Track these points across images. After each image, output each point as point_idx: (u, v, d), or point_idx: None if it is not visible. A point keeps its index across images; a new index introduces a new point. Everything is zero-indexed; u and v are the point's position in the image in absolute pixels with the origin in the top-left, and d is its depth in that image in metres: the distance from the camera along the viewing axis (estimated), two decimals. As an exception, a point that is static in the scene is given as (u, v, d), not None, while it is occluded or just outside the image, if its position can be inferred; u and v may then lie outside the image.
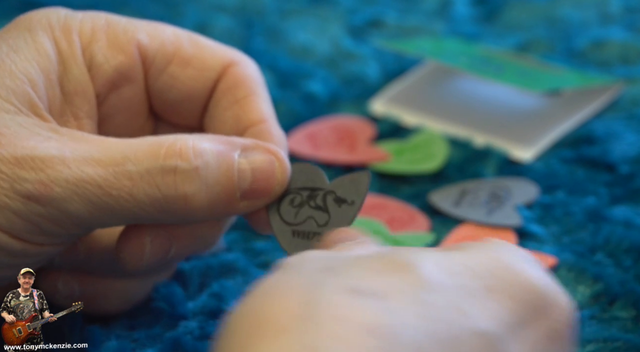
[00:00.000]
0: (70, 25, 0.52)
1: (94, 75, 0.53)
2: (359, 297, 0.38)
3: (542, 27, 0.83)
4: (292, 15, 0.86)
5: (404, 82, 0.77)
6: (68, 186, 0.48)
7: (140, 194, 0.48)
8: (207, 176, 0.49)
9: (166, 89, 0.54)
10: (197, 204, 0.49)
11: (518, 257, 0.42)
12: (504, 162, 0.69)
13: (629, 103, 0.73)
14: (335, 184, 0.51)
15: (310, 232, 0.51)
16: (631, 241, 0.61)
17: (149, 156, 0.49)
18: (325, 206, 0.51)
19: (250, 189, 0.50)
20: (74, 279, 0.54)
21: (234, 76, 0.54)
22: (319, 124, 0.73)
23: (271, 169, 0.51)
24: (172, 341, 0.55)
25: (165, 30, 0.54)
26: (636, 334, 0.55)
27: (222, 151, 0.50)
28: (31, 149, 0.48)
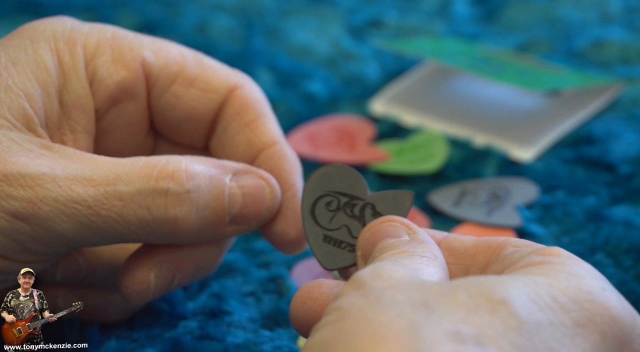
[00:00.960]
0: (75, 37, 0.52)
1: (95, 90, 0.52)
2: (461, 346, 0.38)
3: (542, 27, 0.83)
4: (292, 15, 0.86)
5: (404, 82, 0.77)
6: (57, 205, 0.48)
7: (130, 215, 0.48)
8: (198, 199, 0.49)
9: (169, 108, 0.54)
10: (186, 227, 0.49)
11: (600, 282, 0.42)
12: (504, 162, 0.69)
13: (629, 103, 0.73)
14: (377, 197, 0.50)
15: (343, 242, 0.50)
16: (631, 241, 0.61)
17: (141, 177, 0.49)
18: (362, 217, 0.50)
19: (240, 214, 0.50)
20: (73, 294, 0.54)
21: (241, 99, 0.54)
22: (319, 124, 0.73)
23: (262, 194, 0.51)
24: (171, 341, 0.55)
25: (170, 49, 0.54)
26: (636, 334, 0.55)
27: (214, 175, 0.50)
28: (22, 166, 0.48)
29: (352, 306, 0.39)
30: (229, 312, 0.57)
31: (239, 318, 0.57)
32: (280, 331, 0.56)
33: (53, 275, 0.52)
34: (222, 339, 0.55)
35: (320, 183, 0.50)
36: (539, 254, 0.44)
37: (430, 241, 0.46)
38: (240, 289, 0.59)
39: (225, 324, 0.56)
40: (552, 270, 0.42)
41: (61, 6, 0.55)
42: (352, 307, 0.39)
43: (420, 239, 0.46)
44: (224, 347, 0.54)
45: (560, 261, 0.43)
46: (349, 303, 0.39)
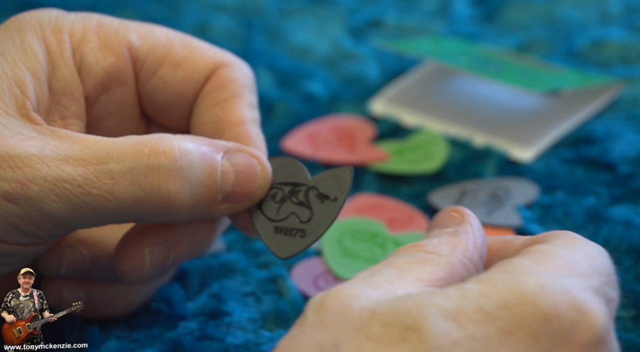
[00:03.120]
0: (61, 26, 0.52)
1: (84, 77, 0.52)
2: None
3: (542, 27, 0.83)
4: (292, 15, 0.86)
5: (404, 82, 0.77)
6: (46, 185, 0.47)
7: (122, 193, 0.48)
8: (191, 175, 0.49)
9: (157, 91, 0.54)
10: (180, 204, 0.49)
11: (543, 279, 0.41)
12: (504, 162, 0.69)
13: (629, 103, 0.73)
14: (317, 179, 0.51)
15: (293, 229, 0.50)
16: (631, 241, 0.61)
17: (132, 155, 0.48)
18: (307, 202, 0.51)
19: (233, 192, 0.50)
20: (79, 286, 0.54)
21: (220, 78, 0.54)
22: (319, 124, 0.73)
23: (253, 172, 0.51)
24: (171, 341, 0.55)
25: (157, 33, 0.54)
26: (636, 334, 0.55)
27: (205, 152, 0.50)
28: (10, 148, 0.48)
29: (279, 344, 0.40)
30: (229, 313, 0.57)
31: (238, 318, 0.57)
32: (280, 332, 0.56)
33: (58, 268, 0.52)
34: (222, 340, 0.55)
35: None
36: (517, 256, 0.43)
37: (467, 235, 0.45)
38: (240, 290, 0.59)
39: (225, 325, 0.56)
40: (499, 272, 0.41)
41: (61, 6, 0.55)
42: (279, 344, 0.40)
43: (459, 231, 0.45)
44: (224, 347, 0.54)
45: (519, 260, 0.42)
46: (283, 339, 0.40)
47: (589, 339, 0.40)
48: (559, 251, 0.43)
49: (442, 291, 0.41)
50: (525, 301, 0.40)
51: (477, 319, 0.39)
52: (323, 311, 0.41)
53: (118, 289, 0.55)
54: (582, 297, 0.41)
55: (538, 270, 0.41)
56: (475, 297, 0.40)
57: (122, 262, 0.51)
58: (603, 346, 0.41)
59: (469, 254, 0.44)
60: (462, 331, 0.39)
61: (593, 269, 0.43)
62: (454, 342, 0.39)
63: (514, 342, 0.39)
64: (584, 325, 0.40)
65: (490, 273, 0.42)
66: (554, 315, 0.40)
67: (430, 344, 0.39)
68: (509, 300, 0.40)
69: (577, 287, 0.41)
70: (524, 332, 0.39)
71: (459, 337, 0.39)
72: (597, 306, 0.41)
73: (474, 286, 0.41)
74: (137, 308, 0.56)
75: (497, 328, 0.39)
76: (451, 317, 0.39)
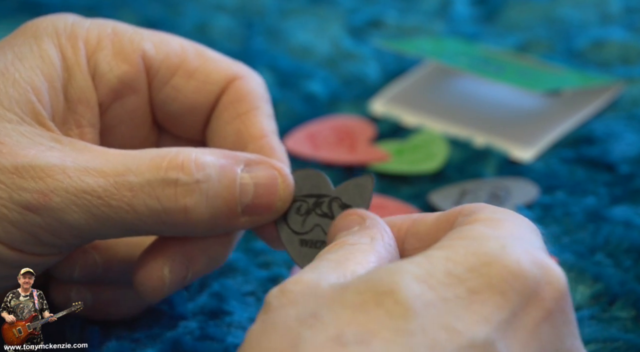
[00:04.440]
0: (76, 32, 0.52)
1: (97, 84, 0.52)
2: (343, 348, 0.38)
3: (542, 27, 0.83)
4: (292, 15, 0.86)
5: (404, 82, 0.77)
6: (67, 196, 0.48)
7: (140, 205, 0.48)
8: (208, 189, 0.49)
9: (169, 100, 0.54)
10: (198, 217, 0.49)
11: (502, 240, 0.42)
12: (504, 162, 0.69)
13: (629, 103, 0.74)
14: (340, 190, 0.51)
15: (318, 241, 0.50)
16: (631, 241, 0.61)
17: (151, 168, 0.49)
18: (331, 213, 0.51)
19: (252, 204, 0.50)
20: (87, 288, 0.54)
21: (237, 90, 0.54)
22: (319, 124, 0.73)
23: (274, 184, 0.51)
24: (172, 341, 0.55)
25: (171, 42, 0.54)
26: (636, 334, 0.55)
27: (224, 165, 0.49)
28: (32, 158, 0.48)
29: (250, 333, 0.41)
30: (229, 312, 0.57)
31: (239, 318, 0.57)
32: (280, 331, 0.56)
33: (71, 273, 0.52)
34: (222, 340, 0.55)
35: None
36: (461, 224, 0.44)
37: (375, 224, 0.46)
38: (240, 289, 0.59)
39: (226, 324, 0.56)
40: (457, 239, 0.42)
41: (61, 6, 0.55)
42: (250, 335, 0.41)
43: (366, 225, 0.47)
44: (224, 347, 0.54)
45: (471, 227, 0.43)
46: (250, 331, 0.41)
47: (554, 295, 0.42)
48: (501, 216, 0.44)
49: (410, 259, 0.42)
50: (490, 261, 0.41)
51: (447, 281, 0.41)
52: (289, 294, 0.41)
53: (126, 292, 0.55)
54: (541, 255, 0.42)
55: (495, 233, 0.43)
56: (442, 262, 0.41)
57: (142, 283, 0.51)
58: (566, 302, 0.42)
59: (387, 240, 0.46)
60: (434, 293, 0.40)
61: (533, 230, 0.45)
62: (427, 303, 0.40)
63: (484, 300, 0.40)
64: (547, 280, 0.42)
65: (448, 241, 0.43)
66: (519, 271, 0.41)
67: (405, 306, 0.39)
68: (474, 262, 0.41)
69: (533, 246, 0.43)
70: (492, 291, 0.41)
71: (432, 299, 0.40)
72: (554, 263, 0.42)
73: (438, 252, 0.42)
74: (143, 310, 0.57)
75: (466, 288, 0.41)
76: (422, 280, 0.40)
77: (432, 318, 0.40)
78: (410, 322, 0.39)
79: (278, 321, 0.40)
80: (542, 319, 0.41)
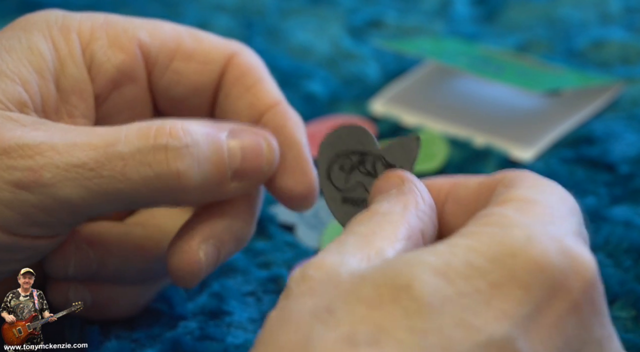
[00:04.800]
0: (68, 24, 0.52)
1: (95, 74, 0.53)
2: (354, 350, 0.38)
3: (542, 27, 0.83)
4: (292, 15, 0.86)
5: (404, 82, 0.77)
6: (58, 171, 0.48)
7: (133, 174, 0.48)
8: (197, 153, 0.49)
9: (172, 85, 0.54)
10: (190, 182, 0.49)
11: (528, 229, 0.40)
12: (504, 162, 0.69)
13: (629, 103, 0.74)
14: (385, 149, 0.49)
15: (359, 199, 0.49)
16: (631, 241, 0.61)
17: (140, 136, 0.49)
18: (375, 172, 0.50)
19: (241, 168, 0.51)
20: (85, 288, 0.54)
21: (239, 66, 0.55)
22: (319, 124, 0.73)
23: (259, 147, 0.52)
24: (171, 341, 0.55)
25: (164, 27, 0.55)
26: (636, 334, 0.55)
27: (210, 132, 0.50)
28: (19, 138, 0.48)
29: (267, 325, 0.40)
30: (229, 313, 0.57)
31: (239, 318, 0.57)
32: (280, 331, 0.56)
33: (65, 270, 0.52)
34: (222, 340, 0.55)
35: (331, 147, 0.50)
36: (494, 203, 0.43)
37: (412, 190, 0.45)
38: (240, 289, 0.59)
39: (225, 325, 0.56)
40: (484, 225, 0.41)
41: (61, 6, 0.55)
42: (268, 321, 0.40)
43: (403, 190, 0.46)
44: (224, 347, 0.54)
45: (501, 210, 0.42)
46: (268, 318, 0.40)
47: (582, 285, 0.40)
48: (536, 196, 0.42)
49: (431, 248, 0.41)
50: (514, 252, 0.40)
51: (467, 273, 0.39)
52: (309, 280, 0.41)
53: (124, 290, 0.55)
54: (569, 242, 0.41)
55: (522, 220, 0.41)
56: (464, 252, 0.40)
57: (179, 269, 0.51)
58: (595, 291, 0.41)
59: (421, 207, 0.45)
60: (452, 287, 0.39)
61: (570, 211, 0.43)
62: (444, 299, 0.39)
63: (505, 295, 0.39)
64: (575, 270, 0.40)
65: (475, 227, 0.41)
66: (546, 263, 0.40)
67: (421, 303, 0.38)
68: (497, 253, 0.40)
69: (562, 233, 0.41)
70: (515, 284, 0.39)
71: (449, 294, 0.39)
72: (584, 249, 0.41)
73: (461, 240, 0.41)
74: (142, 309, 0.57)
75: (487, 282, 0.39)
76: (441, 273, 0.39)
77: (449, 315, 0.38)
78: (426, 321, 0.38)
79: (294, 312, 0.40)
80: (567, 311, 0.40)
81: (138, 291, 0.55)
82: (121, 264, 0.53)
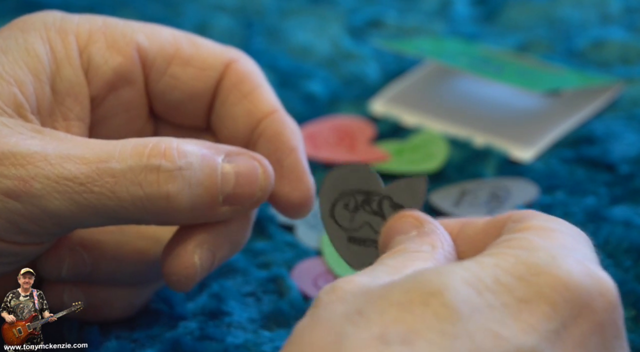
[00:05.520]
0: (66, 27, 0.52)
1: (92, 77, 0.52)
2: (386, 347, 0.38)
3: (542, 27, 0.83)
4: (292, 15, 0.86)
5: (404, 82, 0.77)
6: (48, 183, 0.47)
7: (123, 192, 0.48)
8: (190, 176, 0.49)
9: (168, 90, 0.54)
10: (179, 205, 0.49)
11: (552, 251, 0.41)
12: (504, 162, 0.69)
13: (629, 103, 0.74)
14: (391, 188, 0.50)
15: (367, 240, 0.50)
16: (631, 241, 0.61)
17: (134, 155, 0.49)
18: (381, 212, 0.49)
19: (233, 194, 0.50)
20: (79, 290, 0.54)
21: (237, 72, 0.54)
22: (319, 124, 0.73)
23: (254, 174, 0.51)
24: (171, 341, 0.55)
25: (162, 32, 0.54)
26: (636, 334, 0.55)
27: (206, 154, 0.50)
28: (12, 146, 0.48)
29: (297, 328, 0.40)
30: (229, 313, 0.57)
31: (238, 318, 0.57)
32: (280, 332, 0.56)
33: (59, 272, 0.52)
34: (222, 340, 0.55)
35: (335, 186, 0.50)
36: (511, 231, 0.44)
37: (435, 231, 0.46)
38: (240, 289, 0.59)
39: (225, 325, 0.56)
40: (507, 247, 0.42)
41: (61, 6, 0.55)
42: (297, 329, 0.40)
43: (425, 231, 0.46)
44: (224, 347, 0.54)
45: (521, 236, 0.43)
46: (298, 326, 0.41)
47: (606, 307, 0.41)
48: (554, 226, 0.44)
49: (459, 264, 0.41)
50: (540, 271, 0.40)
51: (495, 288, 0.40)
52: (339, 291, 0.41)
53: (118, 292, 0.55)
54: (592, 266, 0.42)
55: (545, 244, 0.42)
56: (491, 269, 0.41)
57: (173, 273, 0.51)
58: (618, 314, 0.42)
59: (447, 249, 0.45)
60: (482, 299, 0.40)
61: (586, 241, 0.44)
62: (474, 308, 0.39)
63: (532, 310, 0.40)
64: (599, 292, 0.41)
65: (498, 248, 0.42)
66: (570, 282, 0.40)
67: (452, 309, 0.39)
68: (523, 272, 0.40)
69: (585, 257, 0.42)
70: (542, 300, 0.40)
71: (479, 304, 0.39)
72: (606, 275, 0.42)
73: (487, 259, 0.41)
74: (137, 310, 0.57)
75: (514, 297, 0.40)
76: (470, 284, 0.40)
77: (479, 323, 0.39)
78: (456, 326, 0.39)
79: (324, 316, 0.40)
80: (592, 331, 0.41)
81: (133, 293, 0.55)
82: (115, 267, 0.53)
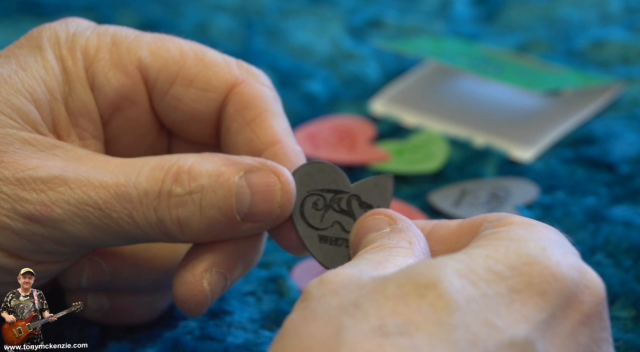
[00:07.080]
0: (76, 42, 0.52)
1: (96, 96, 0.52)
2: (385, 339, 0.38)
3: (542, 27, 0.83)
4: (292, 15, 0.86)
5: (404, 82, 0.77)
6: (69, 208, 0.48)
7: (140, 217, 0.49)
8: (201, 199, 0.49)
9: (171, 109, 0.53)
10: (192, 228, 0.49)
11: (541, 243, 0.42)
12: (504, 162, 0.69)
13: (629, 103, 0.74)
14: (359, 187, 0.50)
15: (339, 239, 0.50)
16: (631, 241, 0.61)
17: (149, 178, 0.49)
18: (351, 211, 0.50)
19: (250, 212, 0.50)
20: (103, 294, 0.54)
21: (241, 97, 0.53)
22: (319, 124, 0.73)
23: (271, 192, 0.50)
24: (172, 341, 0.55)
25: (170, 47, 0.53)
26: (636, 334, 0.55)
27: (222, 173, 0.49)
28: (34, 170, 0.48)
29: (290, 322, 0.41)
30: (229, 312, 0.57)
31: (239, 318, 0.57)
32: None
33: (79, 281, 0.53)
34: (222, 340, 0.55)
35: (302, 184, 0.50)
36: (493, 226, 0.44)
37: (409, 228, 0.47)
38: (240, 289, 0.59)
39: (226, 324, 0.56)
40: (495, 239, 0.43)
41: (61, 6, 0.55)
42: (289, 323, 0.40)
43: (399, 228, 0.47)
44: (224, 347, 0.54)
45: (507, 229, 0.43)
46: (289, 320, 0.41)
47: (593, 299, 0.42)
48: (535, 222, 0.44)
49: (450, 255, 0.42)
50: (531, 261, 0.41)
51: (488, 278, 0.41)
52: (329, 284, 0.41)
53: (141, 297, 0.55)
54: (578, 260, 0.43)
55: (533, 236, 0.43)
56: (483, 259, 0.41)
57: (184, 300, 0.51)
58: (603, 308, 0.42)
59: (422, 243, 0.46)
60: (476, 289, 0.40)
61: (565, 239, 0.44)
62: (469, 298, 0.40)
63: (524, 300, 0.41)
64: (586, 284, 0.42)
65: (486, 241, 0.43)
66: (559, 273, 0.41)
67: (447, 300, 0.40)
68: (515, 261, 0.41)
69: (569, 252, 0.43)
70: (533, 290, 0.41)
71: (473, 294, 0.40)
72: (591, 269, 0.43)
73: (477, 251, 0.42)
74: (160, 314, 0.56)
75: (507, 286, 0.41)
76: (463, 275, 0.40)
77: (474, 313, 0.40)
78: (453, 316, 0.39)
79: (319, 310, 0.40)
80: (580, 322, 0.41)
81: (155, 298, 0.55)
82: (134, 275, 0.53)
